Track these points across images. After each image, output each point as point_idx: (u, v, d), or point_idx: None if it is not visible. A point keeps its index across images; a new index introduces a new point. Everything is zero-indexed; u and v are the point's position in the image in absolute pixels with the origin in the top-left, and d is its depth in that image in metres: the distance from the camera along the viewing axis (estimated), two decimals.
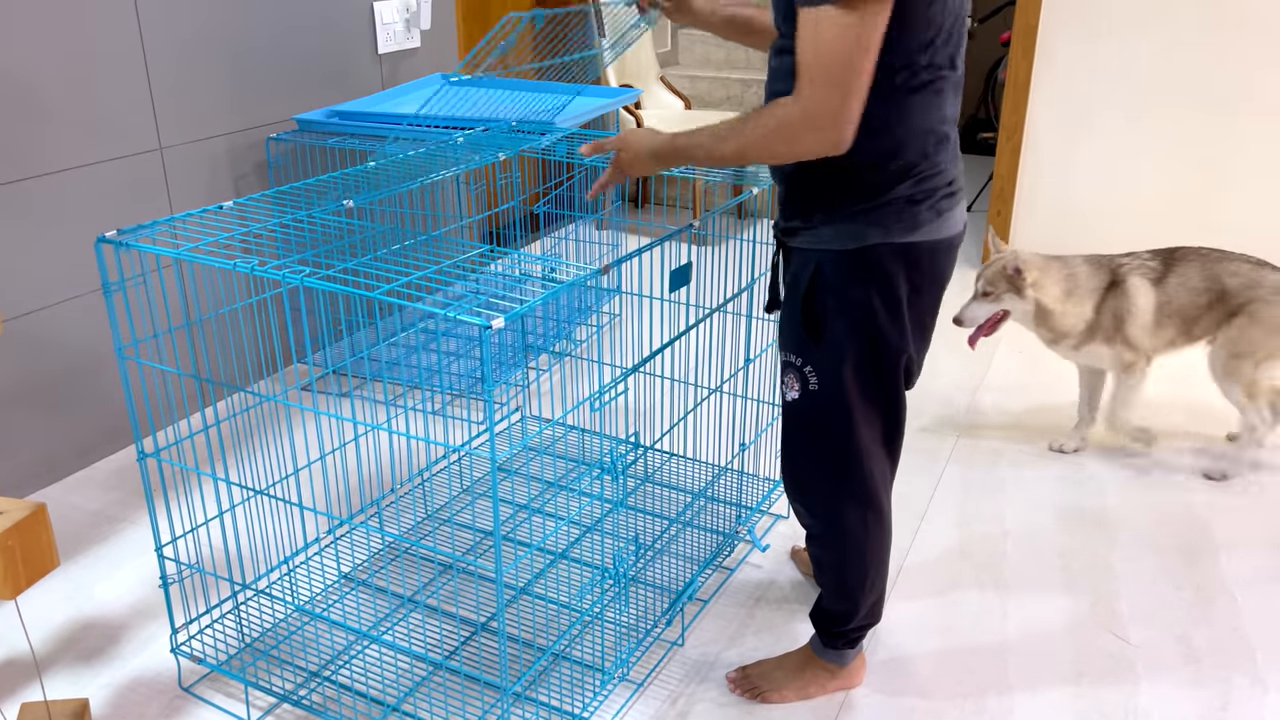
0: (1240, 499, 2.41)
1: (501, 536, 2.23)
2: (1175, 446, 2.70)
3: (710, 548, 2.19)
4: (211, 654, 1.86)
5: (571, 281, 1.47)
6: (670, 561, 2.14)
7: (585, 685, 1.81)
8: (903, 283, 1.45)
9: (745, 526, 2.25)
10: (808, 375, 1.54)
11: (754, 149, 1.36)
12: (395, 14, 3.21)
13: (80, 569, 2.15)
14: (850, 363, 1.50)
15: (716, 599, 2.07)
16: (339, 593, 2.05)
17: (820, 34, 1.23)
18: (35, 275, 2.36)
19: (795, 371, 1.56)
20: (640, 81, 4.47)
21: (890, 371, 1.52)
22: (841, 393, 1.52)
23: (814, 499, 1.66)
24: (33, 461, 2.41)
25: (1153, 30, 3.48)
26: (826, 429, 1.56)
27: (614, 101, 2.95)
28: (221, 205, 1.78)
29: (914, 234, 1.43)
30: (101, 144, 2.44)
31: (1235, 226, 3.57)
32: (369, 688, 1.80)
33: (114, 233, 1.60)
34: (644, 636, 1.92)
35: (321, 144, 2.77)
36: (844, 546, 1.67)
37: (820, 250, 1.47)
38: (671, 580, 2.08)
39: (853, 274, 1.45)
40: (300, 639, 1.92)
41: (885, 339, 1.49)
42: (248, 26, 2.76)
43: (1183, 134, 3.55)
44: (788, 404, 1.60)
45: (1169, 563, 2.19)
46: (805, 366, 1.54)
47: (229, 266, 1.52)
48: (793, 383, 1.57)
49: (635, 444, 1.75)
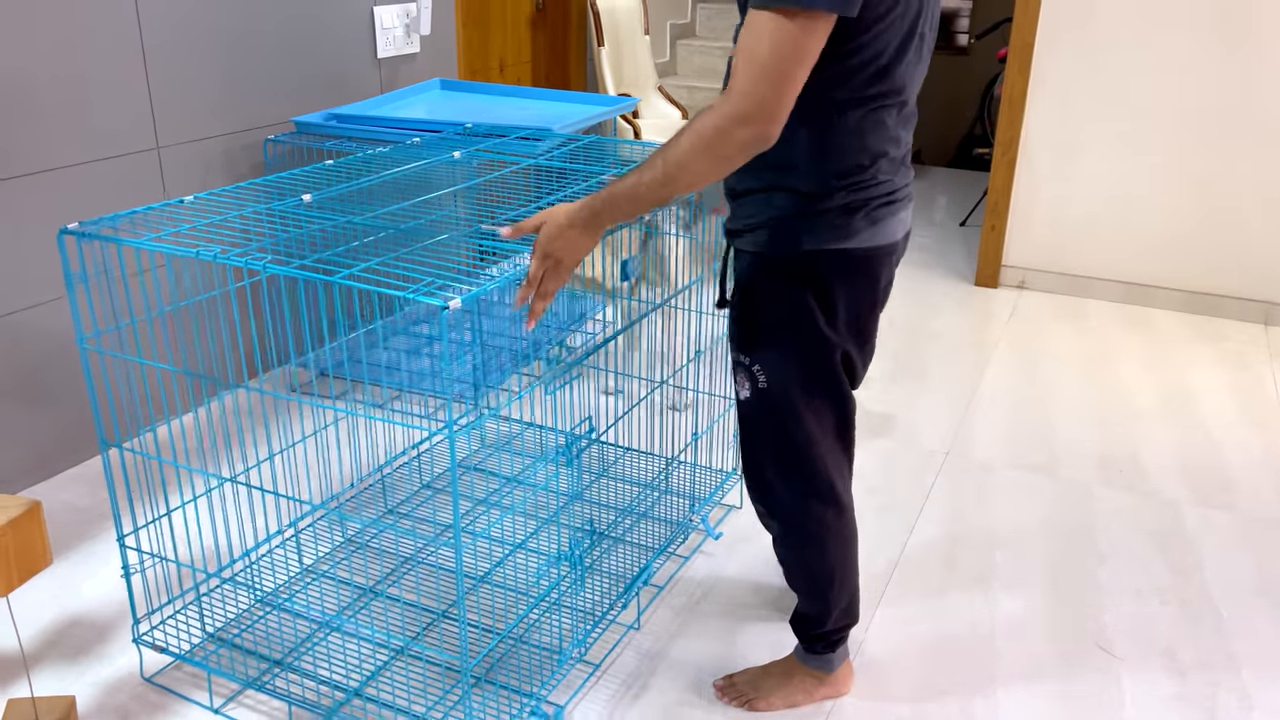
0: (1227, 514, 2.46)
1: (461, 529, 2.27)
2: (1162, 465, 2.79)
3: (665, 536, 2.25)
4: (175, 644, 1.88)
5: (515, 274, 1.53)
6: (626, 550, 2.20)
7: (544, 668, 1.86)
8: (838, 287, 1.50)
9: (699, 516, 2.31)
10: (756, 374, 1.58)
11: (683, 168, 1.33)
12: (395, 19, 3.26)
13: (69, 566, 2.15)
14: (792, 361, 1.54)
15: (671, 585, 2.13)
16: (301, 584, 2.08)
17: (761, 34, 1.26)
18: (28, 272, 2.37)
19: (745, 370, 1.59)
20: (638, 90, 4.53)
21: (832, 369, 1.56)
22: (789, 390, 1.56)
23: (774, 497, 1.68)
24: (23, 458, 2.42)
25: (1148, 47, 3.55)
26: (780, 426, 1.59)
27: (611, 110, 3.00)
28: (183, 199, 1.81)
29: (848, 241, 1.47)
30: (98, 143, 2.45)
31: (1229, 244, 3.65)
32: (332, 673, 1.83)
33: (76, 225, 1.64)
34: (600, 619, 1.97)
35: (319, 146, 2.79)
36: (809, 545, 1.70)
37: (757, 254, 1.52)
38: (628, 568, 2.14)
39: (788, 278, 1.50)
40: (264, 629, 1.94)
41: (824, 338, 1.52)
42: (249, 29, 2.79)
43: (1177, 151, 3.62)
44: (741, 402, 1.63)
45: (1156, 576, 2.22)
46: (753, 365, 1.58)
47: (191, 254, 1.55)
48: (744, 381, 1.60)
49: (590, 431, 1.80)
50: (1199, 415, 2.96)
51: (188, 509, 2.24)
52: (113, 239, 1.60)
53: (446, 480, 2.46)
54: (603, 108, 3.00)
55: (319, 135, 2.85)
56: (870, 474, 2.58)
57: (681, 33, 5.69)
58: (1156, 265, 3.77)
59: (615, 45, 4.38)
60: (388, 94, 3.17)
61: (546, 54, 4.49)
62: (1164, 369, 3.27)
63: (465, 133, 2.56)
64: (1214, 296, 3.72)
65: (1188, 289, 3.75)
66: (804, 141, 1.40)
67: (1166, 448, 2.78)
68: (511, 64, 4.23)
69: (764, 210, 1.49)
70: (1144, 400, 3.05)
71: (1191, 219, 3.68)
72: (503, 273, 1.57)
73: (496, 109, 2.99)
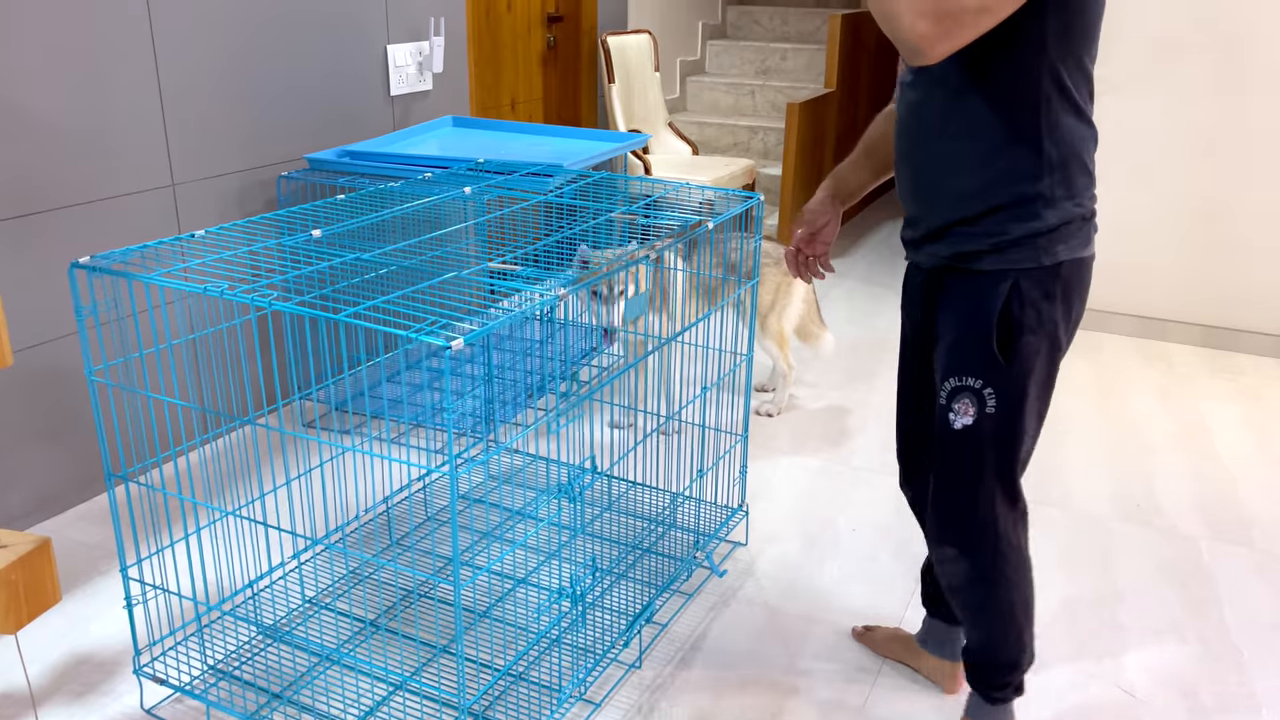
0: (1244, 549, 2.44)
1: (461, 562, 2.27)
2: (1178, 500, 2.77)
3: (668, 573, 2.24)
4: (175, 676, 1.88)
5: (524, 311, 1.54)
6: (629, 587, 2.19)
7: (543, 706, 1.85)
8: (1075, 295, 1.53)
9: (704, 552, 2.30)
10: (986, 397, 1.53)
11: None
12: (408, 57, 3.31)
13: (76, 603, 2.16)
14: (1035, 378, 1.53)
15: (674, 623, 2.12)
16: (303, 616, 2.08)
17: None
18: (45, 308, 2.40)
19: (971, 395, 1.53)
20: (648, 127, 4.57)
21: (1054, 381, 1.58)
22: (1020, 409, 1.54)
23: (978, 532, 1.61)
24: (34, 494, 2.44)
25: (1158, 81, 3.56)
26: (1000, 449, 1.56)
27: (622, 146, 3.03)
28: (194, 234, 1.84)
29: (1087, 248, 1.52)
30: (114, 180, 2.50)
31: (1243, 278, 3.64)
32: (330, 707, 1.82)
33: (87, 258, 1.66)
34: (601, 657, 1.96)
35: (332, 183, 2.83)
36: (1015, 571, 1.64)
37: (1014, 269, 1.50)
38: (630, 605, 2.13)
39: (1046, 289, 1.50)
40: (264, 661, 1.94)
41: (1061, 352, 1.56)
42: (265, 68, 2.84)
43: (1190, 185, 3.62)
44: (956, 432, 1.56)
45: (1175, 613, 2.20)
46: (985, 389, 1.53)
47: (199, 290, 1.57)
48: (966, 408, 1.54)
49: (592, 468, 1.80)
50: (1214, 450, 2.94)
51: (192, 542, 2.25)
52: (122, 273, 1.63)
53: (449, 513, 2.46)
54: (613, 144, 3.03)
55: (332, 172, 2.89)
56: (883, 510, 2.57)
57: (691, 69, 5.74)
58: (1170, 299, 3.76)
59: (626, 82, 4.43)
60: (400, 131, 3.21)
61: (558, 91, 4.54)
62: (1179, 403, 3.25)
63: (476, 169, 2.59)
64: (1228, 330, 3.70)
65: (1202, 323, 3.74)
66: (1053, 152, 1.46)
67: (1182, 482, 2.75)
68: (523, 101, 4.28)
69: (1020, 224, 1.48)
70: (1159, 434, 3.03)
71: (1205, 253, 3.67)
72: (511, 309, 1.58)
73: (508, 145, 3.02)
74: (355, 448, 1.75)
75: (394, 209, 2.09)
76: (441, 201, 2.18)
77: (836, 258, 4.78)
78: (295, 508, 2.41)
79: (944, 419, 1.57)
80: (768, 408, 3.06)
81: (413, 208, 2.10)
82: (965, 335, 1.54)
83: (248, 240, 1.84)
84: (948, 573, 1.68)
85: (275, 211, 2.04)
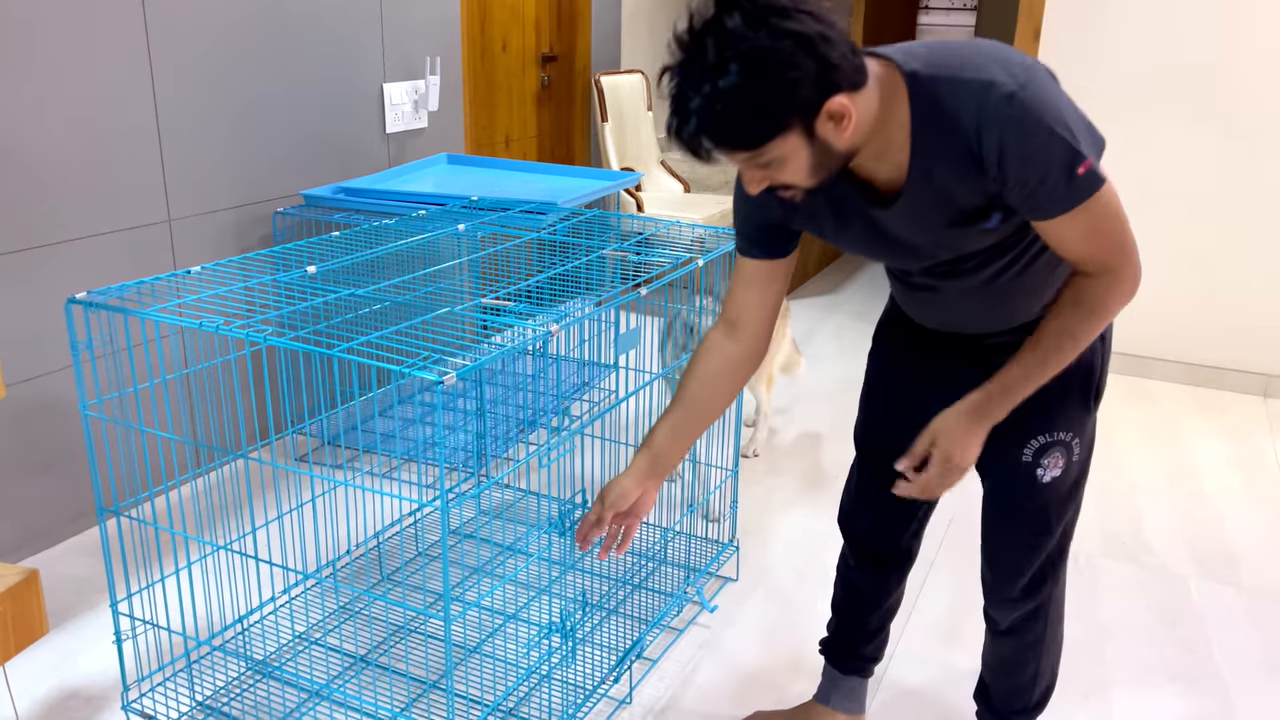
0: (1233, 589, 2.45)
1: (452, 598, 2.27)
2: (1166, 538, 2.79)
3: (659, 608, 2.24)
4: (164, 712, 1.87)
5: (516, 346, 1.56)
6: (619, 622, 2.19)
7: None
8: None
9: (694, 588, 2.31)
10: (1073, 447, 1.53)
11: (1090, 336, 1.36)
12: (404, 96, 3.36)
13: (65, 637, 2.15)
14: (1092, 416, 1.56)
15: (665, 659, 2.12)
16: (292, 652, 2.07)
17: (1113, 209, 1.28)
18: (39, 341, 2.41)
19: (1063, 448, 1.53)
20: (641, 165, 4.62)
21: None
22: (1091, 449, 1.57)
23: (1049, 571, 1.62)
24: (23, 528, 2.43)
25: (1145, 127, 3.62)
26: (1076, 492, 1.58)
27: (615, 184, 3.07)
28: (190, 270, 1.86)
29: None
30: (112, 215, 2.52)
31: (1227, 317, 3.68)
32: None
33: (84, 294, 1.68)
34: (591, 693, 1.96)
35: (327, 219, 2.86)
36: (1058, 611, 1.68)
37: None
38: (620, 640, 2.13)
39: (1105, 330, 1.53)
40: (253, 697, 1.94)
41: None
42: (262, 105, 2.88)
43: (1175, 226, 3.67)
44: (1045, 485, 1.54)
45: (1163, 652, 2.20)
46: (1074, 439, 1.53)
47: (194, 325, 1.59)
48: (1056, 461, 1.53)
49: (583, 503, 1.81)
50: (1201, 488, 2.96)
51: (183, 576, 2.25)
52: (119, 309, 1.64)
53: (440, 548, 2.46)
54: (606, 182, 3.07)
55: (327, 208, 2.92)
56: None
57: None
58: (1156, 337, 3.80)
59: (619, 121, 4.49)
60: (395, 168, 3.25)
61: (551, 129, 4.60)
62: (1165, 441, 3.27)
63: (471, 206, 2.62)
64: (1213, 369, 3.74)
65: (1187, 361, 3.78)
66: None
67: (1170, 520, 2.77)
68: (517, 139, 4.34)
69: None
70: (1146, 471, 3.05)
71: (1190, 292, 3.72)
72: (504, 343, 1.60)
73: (502, 183, 3.06)
74: (348, 482, 1.76)
75: (388, 245, 2.11)
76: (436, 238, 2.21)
77: (826, 294, 4.82)
78: (286, 542, 2.41)
79: (1029, 475, 1.54)
80: (754, 447, 3.08)
81: (407, 244, 2.12)
82: (1061, 391, 1.48)
83: (243, 276, 1.86)
84: (1008, 617, 1.67)
85: (271, 248, 2.06)
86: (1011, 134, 1.20)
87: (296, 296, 1.75)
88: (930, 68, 1.25)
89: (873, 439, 1.71)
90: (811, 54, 1.15)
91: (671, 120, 1.21)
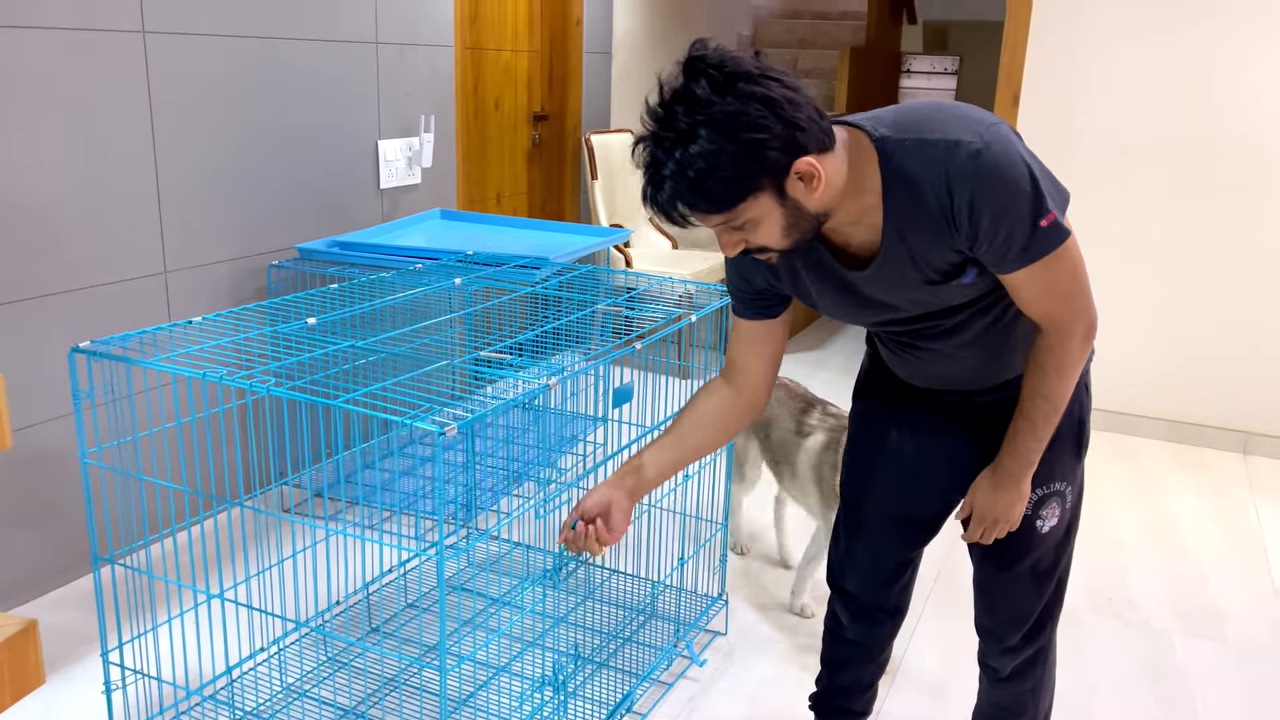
0: (1217, 645, 2.48)
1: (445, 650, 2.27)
2: (1150, 594, 2.82)
3: (649, 662, 2.24)
4: None
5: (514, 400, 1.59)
6: (610, 675, 2.19)
7: None
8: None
9: (684, 641, 2.31)
10: (1067, 495, 1.58)
11: (1066, 394, 1.42)
12: (398, 152, 3.42)
13: (55, 688, 2.13)
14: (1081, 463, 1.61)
15: (654, 713, 2.12)
16: (282, 703, 2.06)
17: (1073, 260, 1.33)
18: (35, 389, 2.42)
19: (1059, 498, 1.57)
20: (630, 222, 4.70)
21: None
22: (1082, 495, 1.62)
23: (1047, 617, 1.66)
24: (13, 578, 2.42)
25: (1125, 185, 3.70)
26: (1071, 536, 1.63)
27: (605, 240, 3.12)
28: (190, 320, 1.89)
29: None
30: (109, 267, 2.55)
31: (1208, 375, 3.75)
32: None
33: (87, 343, 1.70)
34: None
35: (322, 272, 2.89)
36: (1054, 655, 1.72)
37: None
38: (610, 694, 2.13)
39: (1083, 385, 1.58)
40: None
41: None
42: (260, 162, 2.93)
43: (1155, 285, 3.74)
44: (1044, 535, 1.58)
45: (1148, 709, 2.21)
46: (1068, 488, 1.57)
47: (197, 375, 1.61)
48: (1054, 511, 1.57)
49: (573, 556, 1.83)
50: (1184, 544, 2.99)
51: (174, 625, 2.24)
52: (122, 358, 1.67)
53: (431, 600, 2.46)
54: (596, 238, 3.12)
55: (322, 261, 2.96)
56: None
57: None
58: (1137, 396, 3.86)
59: (608, 178, 4.57)
60: (389, 222, 3.30)
61: (542, 186, 4.68)
62: (1148, 497, 3.31)
63: (466, 260, 2.67)
64: (1194, 425, 3.80)
65: (1168, 418, 3.84)
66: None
67: (1153, 577, 2.80)
68: (509, 195, 4.41)
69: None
70: (1129, 528, 3.08)
71: (1170, 351, 3.79)
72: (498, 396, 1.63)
73: (494, 238, 3.11)
74: (343, 530, 1.78)
75: (385, 299, 2.15)
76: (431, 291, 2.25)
77: (813, 349, 4.87)
78: (282, 591, 2.41)
79: (1029, 526, 1.57)
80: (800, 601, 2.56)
81: (403, 298, 2.16)
82: (1055, 443, 1.50)
83: (242, 327, 1.89)
84: (1009, 664, 1.70)
85: (269, 300, 2.09)
86: (980, 189, 1.25)
87: (295, 348, 1.78)
88: (898, 131, 1.29)
89: (860, 495, 1.73)
90: (779, 116, 1.20)
91: (646, 188, 1.25)
